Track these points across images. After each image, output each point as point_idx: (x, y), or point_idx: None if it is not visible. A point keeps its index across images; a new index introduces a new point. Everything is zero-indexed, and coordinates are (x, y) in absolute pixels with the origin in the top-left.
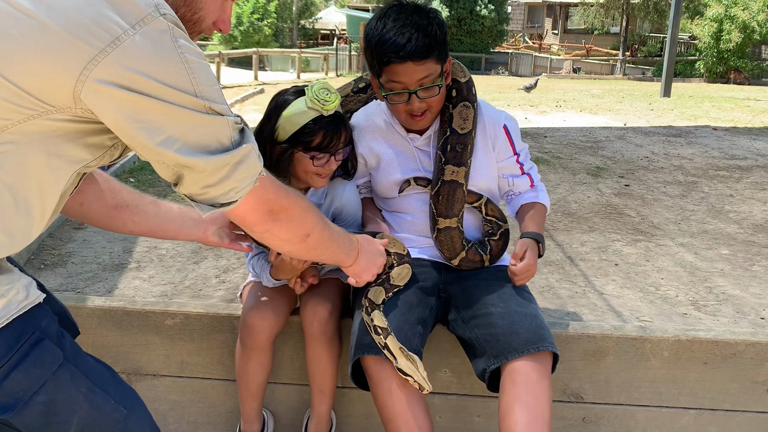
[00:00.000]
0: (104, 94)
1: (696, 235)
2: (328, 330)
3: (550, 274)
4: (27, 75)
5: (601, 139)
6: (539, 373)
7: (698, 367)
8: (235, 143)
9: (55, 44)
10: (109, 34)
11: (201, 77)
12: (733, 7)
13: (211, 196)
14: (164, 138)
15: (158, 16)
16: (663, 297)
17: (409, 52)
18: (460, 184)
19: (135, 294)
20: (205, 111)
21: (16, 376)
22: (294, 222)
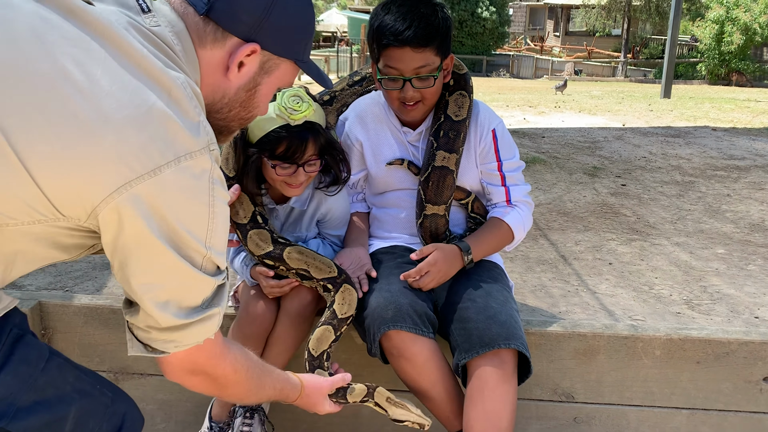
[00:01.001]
0: (123, 217)
1: (692, 235)
2: (305, 313)
3: (543, 273)
4: (56, 182)
5: (599, 140)
6: (500, 374)
7: (691, 366)
8: (205, 304)
9: (97, 160)
10: (152, 161)
11: (218, 226)
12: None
13: (150, 338)
14: (147, 283)
15: (207, 153)
16: (656, 296)
17: (409, 38)
18: (451, 171)
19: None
20: (201, 266)
21: (4, 378)
22: (209, 387)
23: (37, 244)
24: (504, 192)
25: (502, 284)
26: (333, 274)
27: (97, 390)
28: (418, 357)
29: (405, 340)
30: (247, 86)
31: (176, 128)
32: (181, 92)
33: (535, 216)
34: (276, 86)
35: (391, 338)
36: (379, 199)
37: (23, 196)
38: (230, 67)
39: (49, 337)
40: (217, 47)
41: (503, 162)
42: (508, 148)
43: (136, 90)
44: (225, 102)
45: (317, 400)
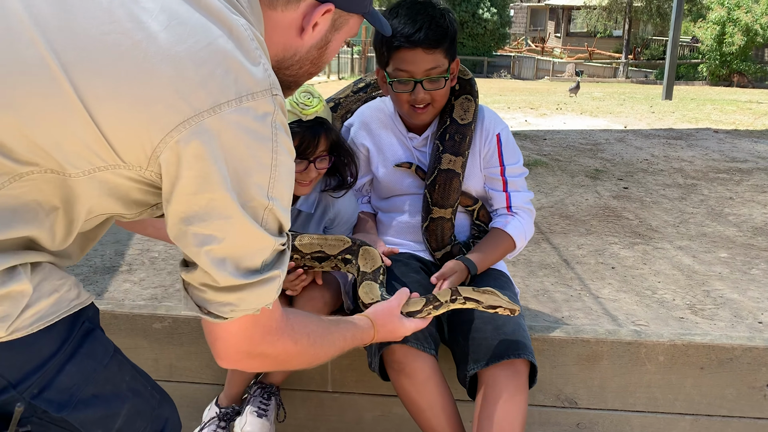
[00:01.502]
0: (183, 158)
1: (694, 238)
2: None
3: (545, 278)
4: (115, 122)
5: (600, 142)
6: (515, 385)
7: (694, 372)
8: (266, 267)
9: (156, 97)
10: (212, 98)
11: (282, 175)
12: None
13: (206, 298)
14: (205, 233)
15: (269, 96)
16: (660, 301)
17: (421, 39)
18: (457, 174)
19: (124, 297)
20: (261, 220)
21: (70, 369)
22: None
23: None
24: (505, 197)
25: (507, 292)
26: (348, 244)
27: (148, 391)
28: (419, 374)
29: (407, 355)
30: (319, 44)
31: (238, 66)
32: (242, 33)
33: (538, 219)
34: (343, 40)
35: (393, 352)
36: (385, 203)
37: (83, 137)
38: (305, 28)
39: None
40: (290, 9)
41: (506, 167)
42: (511, 153)
43: (196, 25)
44: (296, 59)
45: (394, 326)
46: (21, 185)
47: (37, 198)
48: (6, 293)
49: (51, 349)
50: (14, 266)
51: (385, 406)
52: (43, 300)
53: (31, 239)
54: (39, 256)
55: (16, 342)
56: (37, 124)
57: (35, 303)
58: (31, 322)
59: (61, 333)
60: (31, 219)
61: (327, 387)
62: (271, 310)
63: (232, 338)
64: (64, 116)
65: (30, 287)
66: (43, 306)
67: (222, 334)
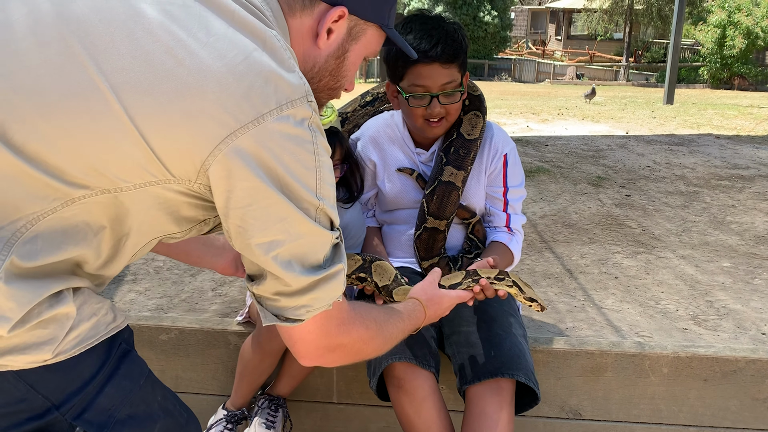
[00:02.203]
0: (232, 170)
1: (697, 247)
2: None
3: (549, 288)
4: (164, 138)
5: (602, 148)
6: (498, 401)
7: (698, 384)
8: (328, 261)
9: (202, 111)
10: (255, 110)
11: (325, 175)
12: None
13: (281, 306)
14: (268, 241)
15: (305, 102)
16: (663, 311)
17: (438, 54)
18: (457, 187)
19: (130, 308)
20: (315, 218)
21: (108, 390)
22: (347, 355)
23: (151, 210)
24: (505, 217)
25: (507, 307)
26: (359, 262)
27: (177, 410)
28: (418, 391)
29: (407, 371)
30: (336, 53)
31: (275, 76)
32: (276, 43)
33: (540, 228)
34: (363, 54)
35: (394, 368)
36: (389, 216)
37: (135, 155)
38: (320, 34)
39: None
40: (306, 14)
41: (509, 188)
42: (516, 175)
43: (233, 40)
44: (315, 71)
45: (440, 298)
46: (73, 209)
47: (86, 219)
48: (53, 316)
49: (91, 371)
50: (60, 290)
51: (390, 417)
52: (84, 323)
53: (76, 261)
54: (80, 282)
55: (59, 365)
56: (90, 146)
57: (77, 326)
58: (74, 345)
59: (100, 355)
60: (80, 239)
61: (332, 398)
62: (340, 302)
63: (311, 336)
64: (116, 136)
65: (75, 310)
66: (84, 329)
67: (301, 335)
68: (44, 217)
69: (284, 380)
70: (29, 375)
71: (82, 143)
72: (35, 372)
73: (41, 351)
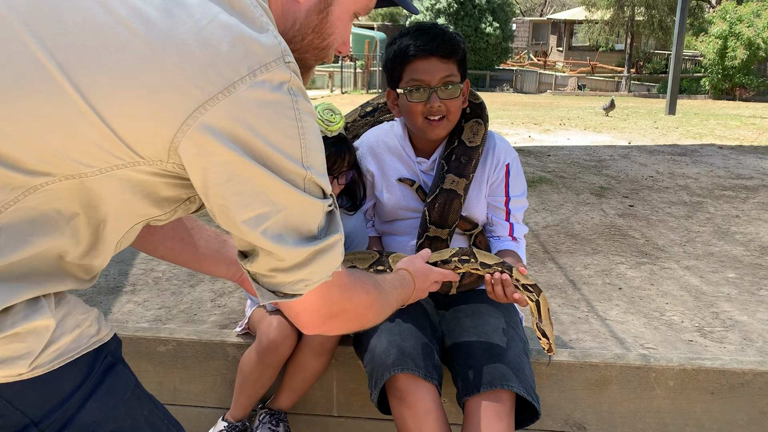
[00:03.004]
0: (204, 147)
1: (701, 258)
2: (327, 344)
3: (552, 299)
4: (125, 117)
5: (605, 158)
6: (495, 412)
7: (705, 397)
8: (323, 232)
9: (164, 85)
10: (224, 78)
11: (311, 141)
12: (738, 24)
13: (277, 282)
14: (254, 216)
15: (282, 64)
16: (668, 323)
17: (436, 47)
18: (459, 195)
19: (128, 319)
20: (303, 187)
21: (91, 405)
22: (350, 321)
23: (125, 195)
24: (508, 227)
25: (509, 319)
26: (376, 257)
27: (164, 425)
28: (420, 405)
29: (409, 383)
30: (318, 7)
31: (245, 39)
32: (243, 2)
33: (543, 238)
34: (351, 9)
35: (397, 380)
36: (388, 227)
37: (94, 137)
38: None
39: None
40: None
41: (511, 198)
42: (518, 185)
43: (193, 4)
44: (297, 29)
45: (427, 271)
46: (37, 197)
47: (56, 206)
48: (30, 329)
49: (72, 386)
50: (37, 297)
51: (390, 430)
52: (66, 336)
53: (56, 253)
54: (62, 283)
55: (38, 379)
56: (43, 131)
57: (58, 339)
58: (53, 358)
59: (83, 369)
60: (50, 229)
61: (332, 411)
62: (339, 270)
63: (314, 306)
64: (70, 119)
65: (53, 322)
66: (65, 342)
67: (303, 306)
68: (6, 208)
69: (285, 394)
70: (5, 390)
71: (34, 128)
72: (12, 387)
73: (16, 365)
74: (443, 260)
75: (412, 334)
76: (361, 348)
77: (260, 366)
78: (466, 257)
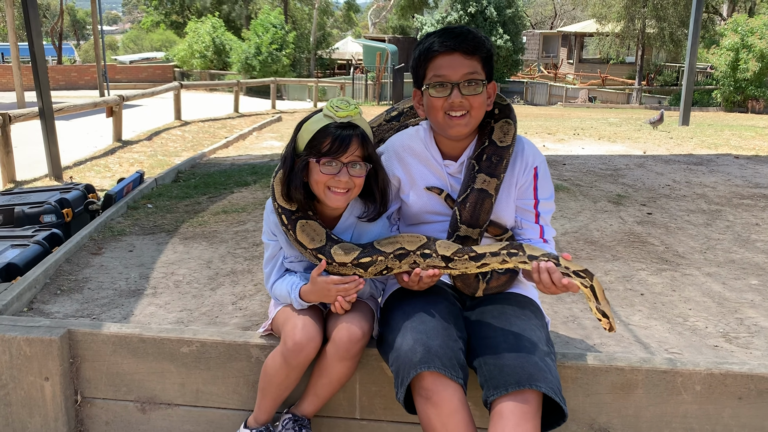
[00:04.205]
0: None
1: (723, 265)
2: (353, 349)
3: (573, 304)
4: None
5: (620, 167)
6: (521, 412)
7: (732, 402)
8: None
9: None
10: None
11: None
12: (750, 36)
13: None
14: None
15: None
16: (692, 328)
17: (459, 43)
18: (490, 195)
19: (150, 321)
20: None
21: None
22: None
23: None
24: (539, 229)
25: (536, 322)
26: (423, 240)
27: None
28: (446, 404)
29: (435, 382)
30: None
31: None
32: None
33: (562, 245)
34: None
35: (422, 378)
36: (413, 229)
37: None
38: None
39: (77, 366)
40: None
41: (539, 201)
42: (546, 187)
43: None
44: None
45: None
46: None
47: None
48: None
49: None
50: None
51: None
52: None
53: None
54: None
55: None
56: None
57: None
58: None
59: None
60: None
61: (355, 414)
62: None
63: None
64: None
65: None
66: None
67: None
68: None
69: (309, 399)
70: None
71: None
72: None
73: None
74: (492, 252)
75: (438, 333)
76: (386, 347)
77: (285, 368)
78: (514, 251)
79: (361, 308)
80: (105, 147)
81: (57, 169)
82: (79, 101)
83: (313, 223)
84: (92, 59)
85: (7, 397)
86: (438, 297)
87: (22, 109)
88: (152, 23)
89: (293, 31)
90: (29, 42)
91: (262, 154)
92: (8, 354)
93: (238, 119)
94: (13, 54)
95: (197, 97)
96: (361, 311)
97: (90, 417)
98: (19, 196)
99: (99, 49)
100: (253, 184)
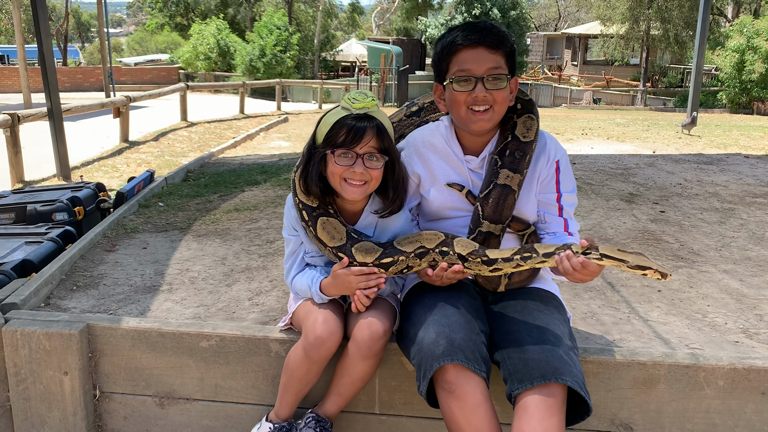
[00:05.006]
0: None
1: (739, 262)
2: (375, 347)
3: (591, 300)
4: None
5: (631, 166)
6: (547, 407)
7: (756, 397)
8: None
9: None
10: None
11: None
12: (756, 38)
13: None
14: None
15: None
16: (711, 324)
17: (484, 37)
18: (513, 191)
19: (167, 316)
20: None
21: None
22: None
23: None
24: (563, 222)
25: (559, 317)
26: (441, 238)
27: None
28: (470, 398)
29: (458, 375)
30: None
31: None
32: None
33: None
34: None
35: (445, 371)
36: (433, 225)
37: None
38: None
39: (96, 360)
40: None
41: (562, 194)
42: (568, 180)
43: None
44: None
45: None
46: None
47: None
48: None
49: None
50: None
51: (434, 430)
52: None
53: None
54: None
55: None
56: None
57: None
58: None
59: None
60: None
61: (374, 409)
62: None
63: None
64: None
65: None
66: None
67: None
68: None
69: (332, 398)
70: None
71: None
72: None
73: None
74: (504, 258)
75: (461, 327)
76: (407, 341)
77: (307, 362)
78: (528, 254)
79: (382, 305)
80: (112, 147)
81: (65, 169)
82: (86, 102)
83: (333, 220)
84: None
85: (26, 392)
86: (460, 291)
87: (30, 110)
88: (157, 25)
89: (297, 33)
90: (38, 43)
91: (270, 154)
92: (27, 348)
93: (243, 120)
94: (20, 55)
95: (202, 98)
96: (381, 308)
97: (108, 411)
98: (31, 195)
99: (105, 51)
100: (264, 183)
